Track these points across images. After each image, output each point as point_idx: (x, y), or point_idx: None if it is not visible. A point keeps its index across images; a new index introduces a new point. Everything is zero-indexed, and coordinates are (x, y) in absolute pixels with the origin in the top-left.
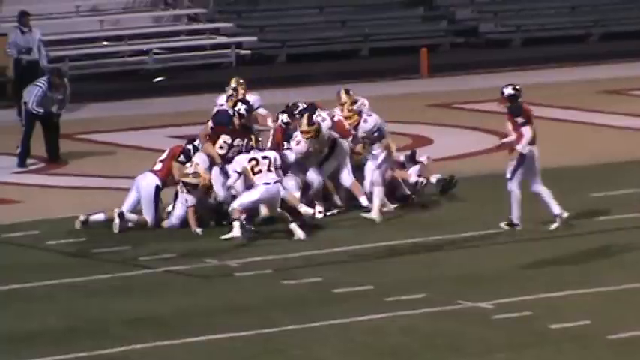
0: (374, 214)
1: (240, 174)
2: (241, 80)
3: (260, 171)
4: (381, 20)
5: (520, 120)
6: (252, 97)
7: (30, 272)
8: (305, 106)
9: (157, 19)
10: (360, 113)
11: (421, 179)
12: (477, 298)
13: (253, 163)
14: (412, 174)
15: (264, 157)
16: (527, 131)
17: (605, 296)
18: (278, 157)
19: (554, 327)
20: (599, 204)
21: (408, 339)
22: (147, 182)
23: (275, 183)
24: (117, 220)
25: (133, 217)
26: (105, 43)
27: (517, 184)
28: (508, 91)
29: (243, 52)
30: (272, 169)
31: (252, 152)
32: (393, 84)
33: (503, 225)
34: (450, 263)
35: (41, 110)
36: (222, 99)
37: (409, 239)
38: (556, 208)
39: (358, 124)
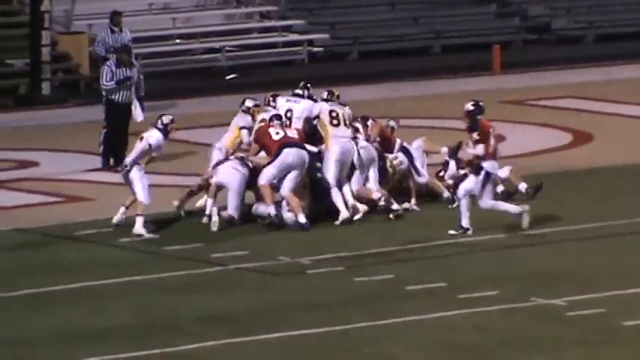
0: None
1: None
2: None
3: None
4: (453, 17)
5: (475, 136)
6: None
7: (103, 269)
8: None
9: (229, 16)
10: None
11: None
12: (550, 295)
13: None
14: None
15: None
16: (478, 149)
17: None
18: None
19: (627, 324)
20: None
21: (481, 336)
22: (235, 176)
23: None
24: (215, 218)
25: (226, 214)
26: (177, 40)
27: (490, 198)
28: (467, 106)
29: (315, 49)
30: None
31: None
32: (465, 81)
33: (452, 232)
34: (522, 260)
35: (112, 83)
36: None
37: (481, 236)
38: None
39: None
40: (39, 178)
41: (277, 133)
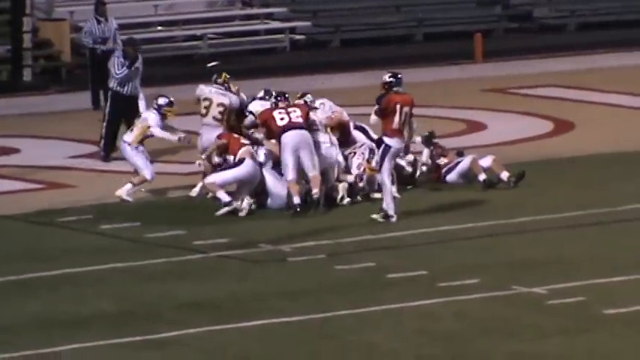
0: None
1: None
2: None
3: None
4: (435, 5)
5: (376, 107)
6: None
7: (84, 256)
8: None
9: (211, 3)
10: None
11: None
12: (531, 283)
13: None
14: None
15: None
16: (371, 119)
17: None
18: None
19: (608, 312)
20: None
21: (461, 324)
22: (258, 175)
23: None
24: (245, 205)
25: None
26: (159, 27)
27: (387, 174)
28: (384, 77)
29: (297, 37)
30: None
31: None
32: (447, 69)
33: (376, 217)
34: (503, 249)
35: (124, 69)
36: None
37: (462, 225)
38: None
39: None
40: (20, 165)
41: (282, 119)
